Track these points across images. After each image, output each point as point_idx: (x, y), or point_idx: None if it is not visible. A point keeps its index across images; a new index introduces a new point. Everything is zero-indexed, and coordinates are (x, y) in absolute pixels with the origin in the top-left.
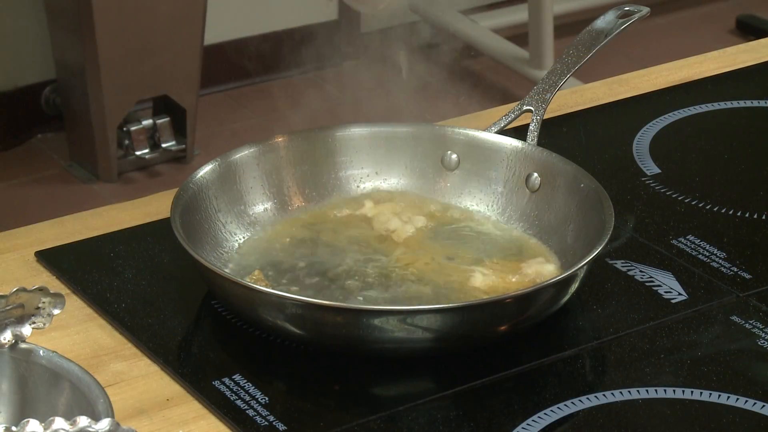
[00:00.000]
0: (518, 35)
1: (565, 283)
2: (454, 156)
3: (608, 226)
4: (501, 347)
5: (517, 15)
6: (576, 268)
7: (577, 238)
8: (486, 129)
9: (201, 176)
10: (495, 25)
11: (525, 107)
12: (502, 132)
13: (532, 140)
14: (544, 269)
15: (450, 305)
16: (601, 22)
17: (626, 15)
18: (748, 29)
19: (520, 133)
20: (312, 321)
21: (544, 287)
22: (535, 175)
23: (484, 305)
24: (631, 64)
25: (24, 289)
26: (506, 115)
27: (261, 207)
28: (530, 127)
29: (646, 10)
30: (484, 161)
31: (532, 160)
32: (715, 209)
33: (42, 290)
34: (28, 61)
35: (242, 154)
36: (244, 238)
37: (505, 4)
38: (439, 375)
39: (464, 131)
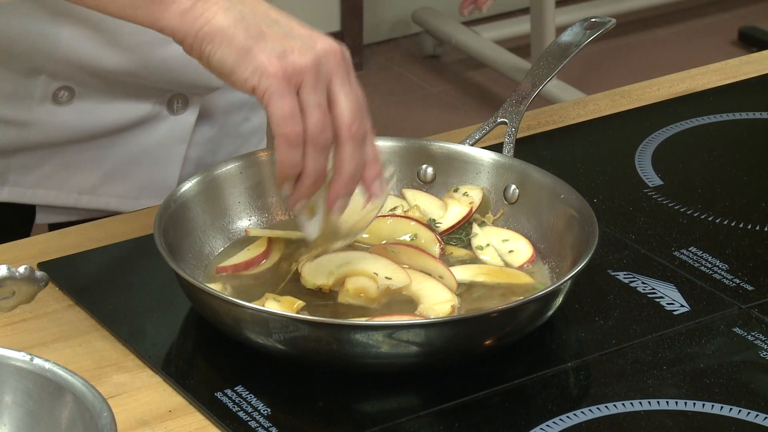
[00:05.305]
0: (520, 46)
1: (551, 297)
2: (429, 169)
3: (593, 239)
4: (499, 358)
5: (520, 26)
6: (563, 280)
7: (571, 247)
8: (461, 142)
9: (185, 191)
10: (497, 36)
11: (499, 119)
12: (477, 145)
13: (508, 152)
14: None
15: (432, 320)
16: (568, 35)
17: (593, 26)
18: (751, 41)
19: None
20: (295, 337)
21: (528, 302)
22: (513, 186)
23: (476, 318)
24: (634, 75)
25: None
26: (480, 128)
27: (245, 221)
28: (506, 139)
29: (612, 21)
30: (460, 174)
31: (509, 171)
32: (718, 221)
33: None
34: None
35: (226, 168)
36: (225, 250)
37: (508, 16)
38: (441, 386)
39: (439, 144)
